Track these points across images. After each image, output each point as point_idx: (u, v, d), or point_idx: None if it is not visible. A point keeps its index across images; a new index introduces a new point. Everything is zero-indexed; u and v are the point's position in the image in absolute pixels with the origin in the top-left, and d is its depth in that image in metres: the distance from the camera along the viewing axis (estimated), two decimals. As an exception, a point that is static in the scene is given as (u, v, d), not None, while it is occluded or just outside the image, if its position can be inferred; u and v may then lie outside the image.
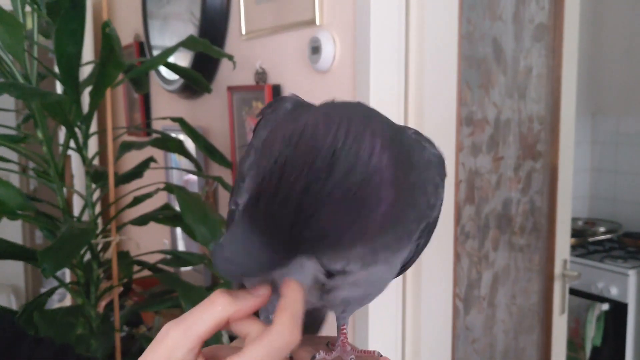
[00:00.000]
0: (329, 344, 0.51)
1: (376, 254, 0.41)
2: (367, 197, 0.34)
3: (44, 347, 0.57)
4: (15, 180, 3.24)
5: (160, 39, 2.15)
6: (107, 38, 1.14)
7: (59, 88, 2.80)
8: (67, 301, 2.65)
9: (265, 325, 0.41)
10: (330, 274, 0.42)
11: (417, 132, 0.44)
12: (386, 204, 0.36)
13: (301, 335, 0.39)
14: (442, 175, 0.44)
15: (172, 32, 2.05)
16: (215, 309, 0.39)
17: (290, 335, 0.39)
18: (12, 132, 1.44)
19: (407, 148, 0.39)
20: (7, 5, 1.30)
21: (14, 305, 4.15)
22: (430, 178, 0.43)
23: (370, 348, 1.24)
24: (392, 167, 0.35)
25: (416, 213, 0.42)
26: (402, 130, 0.42)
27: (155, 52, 2.16)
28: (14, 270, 4.30)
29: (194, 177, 2.06)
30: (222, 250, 0.36)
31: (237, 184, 0.46)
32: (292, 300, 0.39)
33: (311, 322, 0.55)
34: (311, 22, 1.33)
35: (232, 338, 1.76)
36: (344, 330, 0.50)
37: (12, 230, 3.73)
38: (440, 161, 0.44)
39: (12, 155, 1.40)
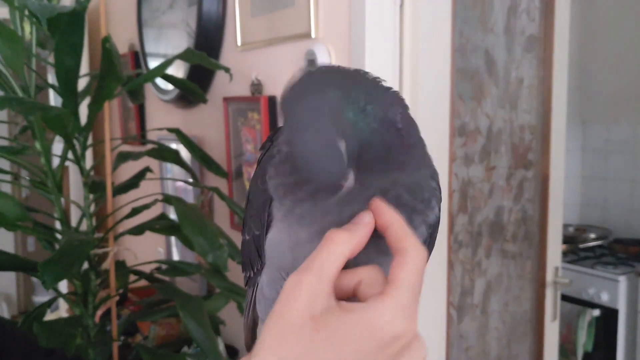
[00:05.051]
0: None
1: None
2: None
3: (56, 358, 0.58)
4: (7, 188, 3.24)
5: (155, 49, 2.16)
6: (107, 53, 1.16)
7: (52, 98, 2.81)
8: (61, 310, 2.65)
9: (376, 267, 0.41)
10: None
11: None
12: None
13: None
14: (438, 184, 0.47)
15: (168, 42, 2.06)
16: (338, 247, 0.39)
17: (424, 251, 0.40)
18: (6, 143, 1.45)
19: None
20: (5, 15, 1.32)
21: (5, 313, 4.14)
22: (427, 177, 0.46)
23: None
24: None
25: (424, 195, 0.44)
26: None
27: (150, 61, 2.17)
28: (5, 279, 4.29)
29: (184, 184, 2.07)
30: None
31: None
32: (399, 223, 0.40)
33: None
34: (306, 35, 1.35)
35: (228, 346, 1.76)
36: None
37: (3, 237, 3.72)
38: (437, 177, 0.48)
39: (5, 164, 1.41)
